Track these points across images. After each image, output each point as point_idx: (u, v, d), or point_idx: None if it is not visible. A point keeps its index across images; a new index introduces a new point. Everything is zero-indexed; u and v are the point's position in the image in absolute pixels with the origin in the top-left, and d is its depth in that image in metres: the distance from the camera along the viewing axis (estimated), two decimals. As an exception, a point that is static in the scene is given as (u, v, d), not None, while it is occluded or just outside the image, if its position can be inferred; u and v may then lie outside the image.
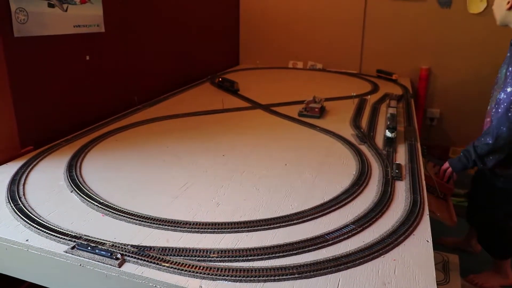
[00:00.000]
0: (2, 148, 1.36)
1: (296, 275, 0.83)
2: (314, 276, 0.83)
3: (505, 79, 1.58)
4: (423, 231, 1.00)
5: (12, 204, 1.08)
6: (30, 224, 0.99)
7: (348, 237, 0.97)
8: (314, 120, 1.90)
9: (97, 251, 0.88)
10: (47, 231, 0.96)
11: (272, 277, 0.82)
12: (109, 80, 1.93)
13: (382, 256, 0.90)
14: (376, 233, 0.99)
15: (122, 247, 0.91)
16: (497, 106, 1.55)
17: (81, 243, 0.91)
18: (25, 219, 1.02)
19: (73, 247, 0.90)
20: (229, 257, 0.89)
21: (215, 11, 3.03)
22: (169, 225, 1.00)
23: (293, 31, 3.29)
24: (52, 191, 1.18)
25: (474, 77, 2.89)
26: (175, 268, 0.84)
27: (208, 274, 0.83)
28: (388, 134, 1.59)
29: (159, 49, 2.32)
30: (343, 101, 2.27)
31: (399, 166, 1.36)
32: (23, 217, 1.03)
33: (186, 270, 0.83)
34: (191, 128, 1.78)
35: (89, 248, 0.89)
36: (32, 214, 1.04)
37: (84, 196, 1.14)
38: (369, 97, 2.32)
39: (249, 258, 0.88)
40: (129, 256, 0.88)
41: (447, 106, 3.04)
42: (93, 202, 1.11)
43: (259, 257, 0.89)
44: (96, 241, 0.93)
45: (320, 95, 2.07)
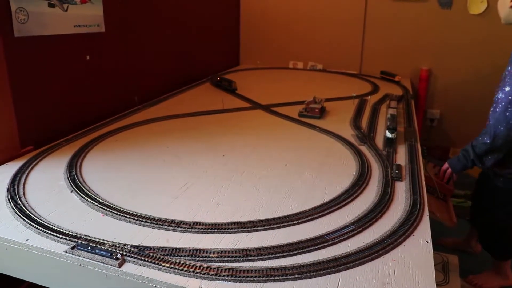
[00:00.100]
0: (2, 148, 1.36)
1: (296, 276, 0.83)
2: (314, 276, 0.83)
3: (503, 78, 1.58)
4: (423, 232, 1.00)
5: (12, 204, 1.08)
6: (30, 224, 0.99)
7: (348, 238, 0.97)
8: (314, 120, 1.90)
9: (97, 251, 0.88)
10: (47, 231, 0.96)
11: (272, 278, 0.82)
12: (109, 80, 1.93)
13: (382, 257, 0.90)
14: (376, 233, 0.99)
15: (122, 247, 0.91)
16: (495, 105, 1.55)
17: (81, 243, 0.91)
18: (25, 219, 1.02)
19: (73, 247, 0.90)
20: (229, 257, 0.89)
21: (215, 11, 3.03)
22: (169, 225, 1.00)
23: (293, 32, 3.29)
24: (52, 191, 1.18)
25: (474, 78, 2.89)
26: (175, 268, 0.84)
27: (208, 274, 0.83)
28: (388, 134, 1.59)
29: (159, 49, 2.32)
30: (343, 101, 2.27)
31: (399, 166, 1.36)
32: (23, 217, 1.03)
33: (186, 270, 0.83)
34: (191, 128, 1.78)
35: (89, 248, 0.89)
36: (32, 214, 1.04)
37: (84, 196, 1.14)
38: (369, 97, 2.32)
39: (249, 258, 0.88)
40: (129, 256, 0.88)
41: (447, 107, 3.04)
42: (93, 202, 1.11)
43: (259, 257, 0.89)
44: (96, 241, 0.93)
45: (320, 95, 2.07)
